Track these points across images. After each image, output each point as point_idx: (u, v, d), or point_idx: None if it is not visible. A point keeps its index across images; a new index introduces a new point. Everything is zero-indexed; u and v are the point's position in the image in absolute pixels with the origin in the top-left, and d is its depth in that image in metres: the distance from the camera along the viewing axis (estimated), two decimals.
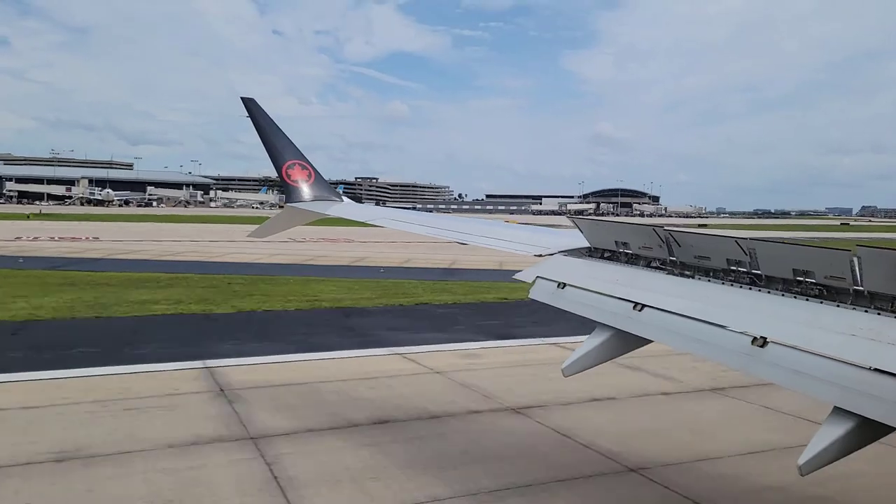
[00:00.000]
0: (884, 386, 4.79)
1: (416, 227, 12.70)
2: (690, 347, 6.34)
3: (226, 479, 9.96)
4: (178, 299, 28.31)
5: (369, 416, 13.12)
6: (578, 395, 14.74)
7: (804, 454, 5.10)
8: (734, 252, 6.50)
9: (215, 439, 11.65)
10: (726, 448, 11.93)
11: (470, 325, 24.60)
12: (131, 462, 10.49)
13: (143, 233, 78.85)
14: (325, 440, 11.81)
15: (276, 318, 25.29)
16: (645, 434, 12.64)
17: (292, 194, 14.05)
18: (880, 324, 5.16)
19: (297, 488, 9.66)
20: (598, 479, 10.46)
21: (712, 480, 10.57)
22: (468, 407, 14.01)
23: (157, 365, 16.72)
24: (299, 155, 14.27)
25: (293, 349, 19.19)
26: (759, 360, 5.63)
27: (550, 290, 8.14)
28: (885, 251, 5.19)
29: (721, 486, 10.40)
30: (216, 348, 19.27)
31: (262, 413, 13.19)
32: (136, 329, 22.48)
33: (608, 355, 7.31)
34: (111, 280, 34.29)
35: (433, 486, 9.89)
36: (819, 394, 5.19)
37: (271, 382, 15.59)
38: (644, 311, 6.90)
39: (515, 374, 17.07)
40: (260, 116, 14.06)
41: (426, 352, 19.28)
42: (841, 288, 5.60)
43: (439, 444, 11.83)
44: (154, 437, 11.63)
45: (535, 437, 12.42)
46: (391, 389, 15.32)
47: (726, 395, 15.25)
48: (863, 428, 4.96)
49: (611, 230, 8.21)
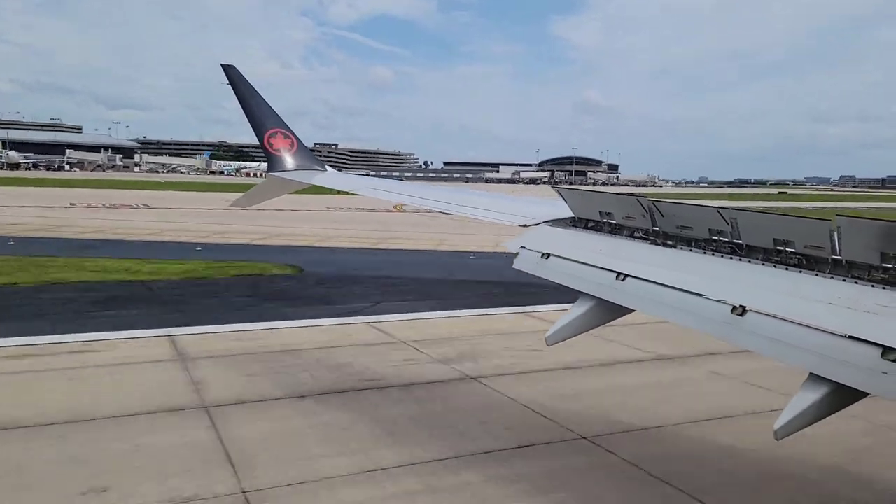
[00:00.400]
0: (858, 353, 4.91)
1: (400, 196, 12.68)
2: (671, 316, 6.44)
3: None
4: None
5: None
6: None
7: (780, 419, 5.24)
8: (716, 222, 6.56)
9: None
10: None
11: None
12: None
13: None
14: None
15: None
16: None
17: (275, 163, 13.90)
18: (857, 292, 5.27)
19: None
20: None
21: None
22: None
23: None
24: (281, 123, 14.09)
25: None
26: (739, 329, 5.73)
27: (534, 261, 8.19)
28: (864, 221, 5.28)
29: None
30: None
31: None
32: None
33: (591, 324, 7.41)
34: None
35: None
36: (796, 361, 5.31)
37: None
38: (627, 281, 6.98)
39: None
40: (240, 84, 13.82)
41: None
42: (820, 257, 5.70)
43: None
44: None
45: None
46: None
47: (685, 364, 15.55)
48: (837, 394, 5.10)
49: (595, 200, 8.24)
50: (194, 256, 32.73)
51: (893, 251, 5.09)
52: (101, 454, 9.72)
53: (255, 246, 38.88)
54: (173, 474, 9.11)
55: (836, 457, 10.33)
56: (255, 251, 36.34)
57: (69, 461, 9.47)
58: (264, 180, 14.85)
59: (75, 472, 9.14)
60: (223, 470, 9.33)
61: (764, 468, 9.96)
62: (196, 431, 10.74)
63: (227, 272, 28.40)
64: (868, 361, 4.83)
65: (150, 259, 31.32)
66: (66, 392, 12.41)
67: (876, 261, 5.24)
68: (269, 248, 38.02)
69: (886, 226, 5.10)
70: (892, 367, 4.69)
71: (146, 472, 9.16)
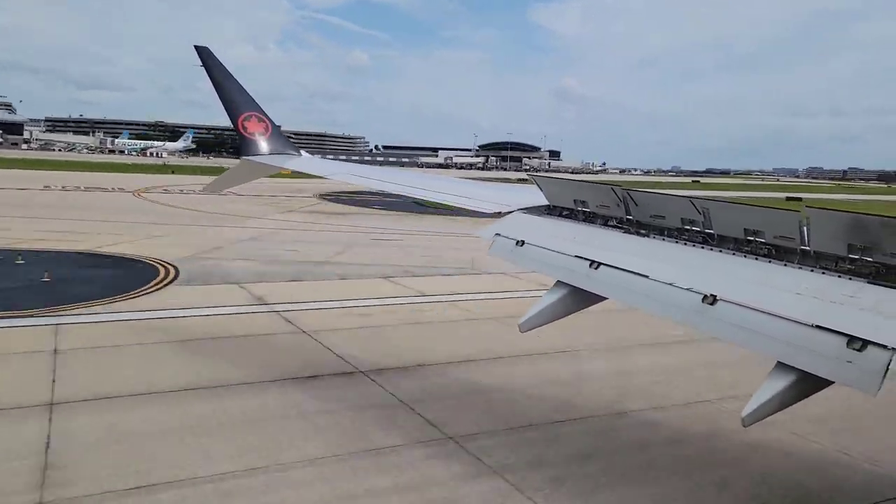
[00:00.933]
0: (824, 342, 5.01)
1: (375, 182, 12.59)
2: (643, 305, 6.50)
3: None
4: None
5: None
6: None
7: (747, 406, 5.33)
8: (688, 211, 6.63)
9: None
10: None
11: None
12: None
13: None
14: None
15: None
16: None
17: (248, 147, 13.70)
18: (824, 283, 5.37)
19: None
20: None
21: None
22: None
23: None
24: (256, 106, 13.89)
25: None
26: (709, 318, 5.81)
27: (509, 248, 8.20)
28: (832, 213, 5.37)
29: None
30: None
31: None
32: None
33: (564, 311, 7.46)
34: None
35: None
36: (764, 350, 5.40)
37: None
38: (600, 269, 7.03)
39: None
40: (214, 66, 13.58)
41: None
42: (789, 248, 5.79)
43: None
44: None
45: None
46: None
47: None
48: (803, 382, 5.20)
49: (570, 188, 8.27)
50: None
51: (860, 242, 5.19)
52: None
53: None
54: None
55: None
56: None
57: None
58: (237, 164, 14.65)
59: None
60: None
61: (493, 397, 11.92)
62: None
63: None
64: (834, 350, 4.93)
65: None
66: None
67: (843, 252, 5.33)
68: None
69: (854, 218, 5.19)
70: (856, 357, 4.79)
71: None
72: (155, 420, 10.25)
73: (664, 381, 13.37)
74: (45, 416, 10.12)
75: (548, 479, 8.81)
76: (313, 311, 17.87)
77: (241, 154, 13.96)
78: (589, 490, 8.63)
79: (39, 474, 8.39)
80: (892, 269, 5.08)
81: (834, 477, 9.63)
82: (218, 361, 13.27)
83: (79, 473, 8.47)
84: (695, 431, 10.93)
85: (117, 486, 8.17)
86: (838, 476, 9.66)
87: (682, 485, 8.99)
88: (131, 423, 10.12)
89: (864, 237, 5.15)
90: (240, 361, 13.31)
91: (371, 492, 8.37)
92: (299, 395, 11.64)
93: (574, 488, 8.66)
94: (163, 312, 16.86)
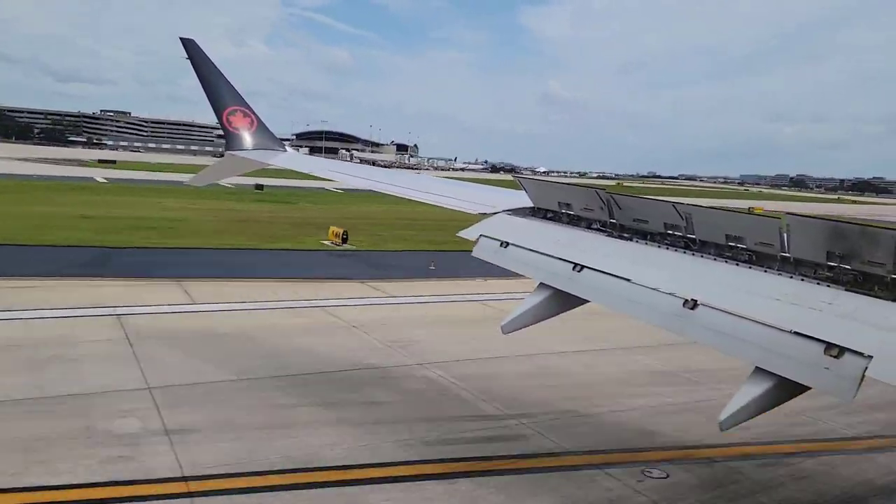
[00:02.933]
0: (802, 348, 5.05)
1: (362, 181, 12.53)
2: (625, 308, 6.52)
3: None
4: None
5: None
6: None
7: (725, 410, 5.36)
8: (671, 216, 6.66)
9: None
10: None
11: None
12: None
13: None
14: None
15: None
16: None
17: (233, 142, 13.60)
18: (802, 289, 5.42)
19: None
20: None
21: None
22: None
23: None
24: (241, 101, 13.78)
25: None
26: (690, 322, 5.84)
27: (493, 249, 8.19)
28: (812, 220, 5.43)
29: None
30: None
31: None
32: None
33: (547, 313, 7.46)
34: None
35: None
36: (743, 354, 5.44)
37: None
38: (583, 272, 7.04)
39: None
40: (200, 59, 13.46)
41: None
42: (769, 254, 5.85)
43: None
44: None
45: None
46: None
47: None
48: (781, 387, 5.24)
49: (554, 191, 8.29)
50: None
51: (839, 250, 5.24)
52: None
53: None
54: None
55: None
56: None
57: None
58: (221, 158, 14.52)
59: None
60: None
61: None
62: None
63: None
64: (811, 357, 4.97)
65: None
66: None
67: (822, 259, 5.39)
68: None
69: (833, 226, 5.25)
70: (833, 363, 4.84)
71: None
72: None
73: None
74: None
75: None
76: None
77: (226, 148, 13.86)
78: None
79: None
80: (869, 277, 5.14)
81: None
82: None
83: None
84: None
85: None
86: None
87: None
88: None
89: (843, 245, 5.20)
90: None
91: None
92: None
93: None
94: None
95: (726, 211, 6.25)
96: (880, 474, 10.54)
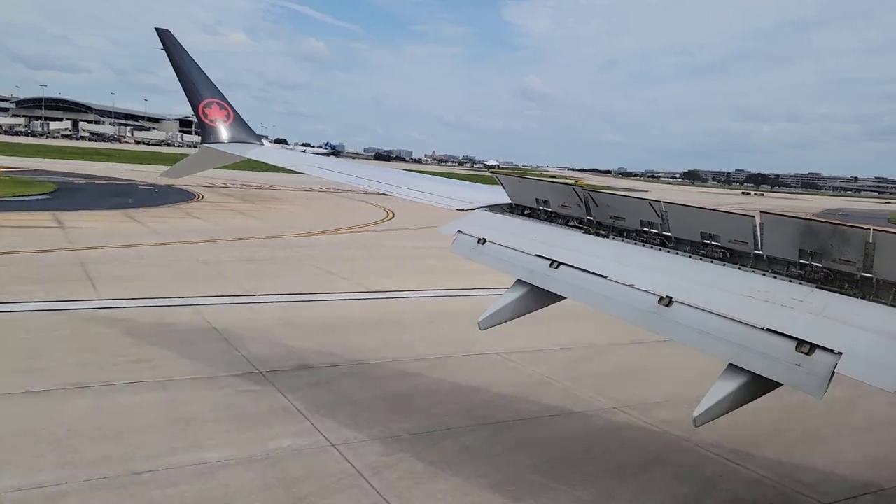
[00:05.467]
0: (774, 345, 5.14)
1: (340, 175, 12.45)
2: (601, 305, 6.57)
3: None
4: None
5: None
6: None
7: (699, 406, 5.43)
8: (647, 213, 6.72)
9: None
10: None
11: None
12: None
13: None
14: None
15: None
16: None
17: (209, 134, 13.42)
18: (775, 287, 5.51)
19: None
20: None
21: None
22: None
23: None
24: (217, 93, 13.60)
25: None
26: (665, 319, 5.91)
27: (471, 246, 8.20)
28: (785, 218, 5.51)
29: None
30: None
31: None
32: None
33: (523, 310, 7.49)
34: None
35: None
36: (717, 351, 5.51)
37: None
38: (560, 269, 7.08)
39: None
40: (176, 50, 13.25)
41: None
42: (743, 252, 5.93)
43: None
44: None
45: None
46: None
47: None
48: (753, 383, 5.32)
49: (532, 187, 8.32)
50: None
51: (810, 248, 5.33)
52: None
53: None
54: None
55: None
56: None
57: None
58: (197, 151, 14.34)
59: None
60: None
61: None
62: None
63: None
64: (783, 353, 5.06)
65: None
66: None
67: (794, 257, 5.47)
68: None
69: (805, 224, 5.33)
70: (804, 360, 4.92)
71: None
72: None
73: None
74: None
75: None
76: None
77: (201, 141, 13.68)
78: None
79: None
80: (839, 275, 5.24)
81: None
82: None
83: None
84: None
85: None
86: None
87: None
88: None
89: (814, 243, 5.29)
90: None
91: None
92: None
93: None
94: None
95: (702, 209, 6.31)
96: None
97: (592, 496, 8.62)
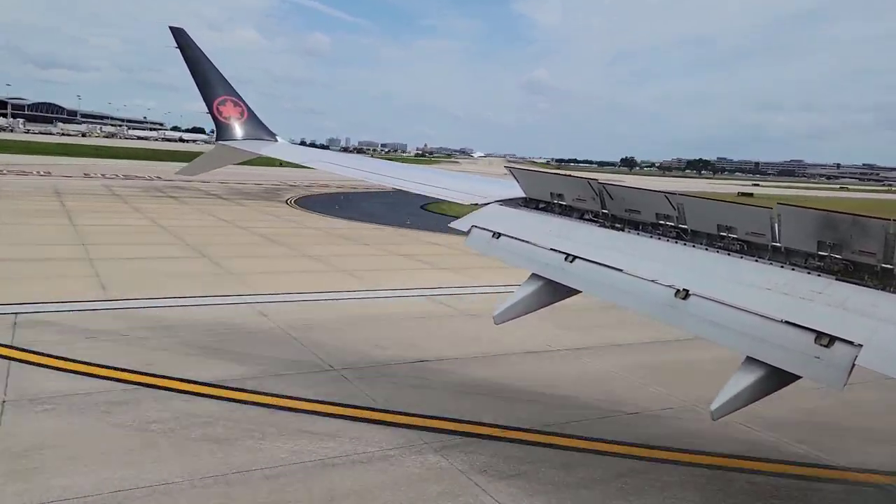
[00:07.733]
0: (793, 338, 5.08)
1: (353, 171, 12.50)
2: (617, 299, 6.54)
3: None
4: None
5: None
6: None
7: (716, 400, 5.40)
8: (663, 206, 6.67)
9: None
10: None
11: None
12: None
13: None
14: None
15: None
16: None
17: (223, 132, 13.53)
18: (793, 279, 5.45)
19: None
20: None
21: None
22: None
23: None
24: (231, 90, 13.70)
25: None
26: (682, 312, 5.86)
27: (485, 240, 8.19)
28: (802, 210, 5.44)
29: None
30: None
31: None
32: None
33: (538, 304, 7.48)
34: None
35: None
36: (734, 344, 5.47)
37: None
38: (575, 263, 7.05)
39: None
40: (190, 48, 13.35)
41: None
42: (760, 244, 5.87)
43: None
44: None
45: None
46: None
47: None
48: (771, 377, 5.28)
49: (546, 181, 8.29)
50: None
51: (829, 239, 5.26)
52: None
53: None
54: None
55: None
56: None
57: None
58: (212, 149, 14.45)
59: None
60: None
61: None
62: None
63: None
64: (802, 346, 5.00)
65: None
66: None
67: (813, 248, 5.41)
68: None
69: (823, 215, 5.27)
70: (824, 353, 4.87)
71: None
72: None
73: None
74: None
75: None
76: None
77: (216, 138, 13.79)
78: None
79: None
80: (859, 266, 5.17)
81: None
82: None
83: None
84: None
85: None
86: None
87: None
88: None
89: (833, 234, 5.23)
90: None
91: None
92: None
93: None
94: None
95: (718, 201, 6.25)
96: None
97: None
